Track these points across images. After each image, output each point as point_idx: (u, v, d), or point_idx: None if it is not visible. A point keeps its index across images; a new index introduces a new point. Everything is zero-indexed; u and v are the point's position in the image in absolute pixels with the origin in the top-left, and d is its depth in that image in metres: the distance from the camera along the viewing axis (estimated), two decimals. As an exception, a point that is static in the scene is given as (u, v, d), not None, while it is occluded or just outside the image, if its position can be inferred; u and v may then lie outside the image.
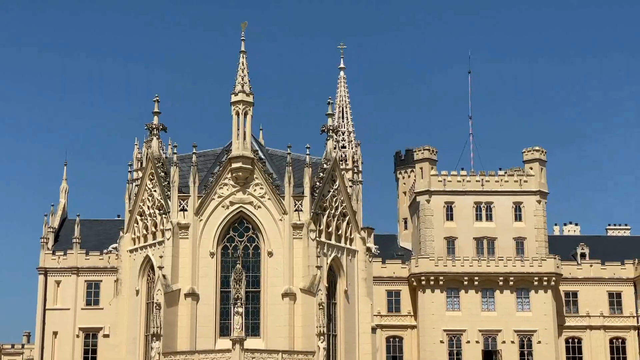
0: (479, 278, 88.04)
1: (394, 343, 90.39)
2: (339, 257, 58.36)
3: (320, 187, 57.67)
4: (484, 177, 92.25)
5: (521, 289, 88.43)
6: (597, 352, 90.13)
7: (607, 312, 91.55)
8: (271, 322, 54.86)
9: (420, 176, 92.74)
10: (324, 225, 57.49)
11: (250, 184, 56.69)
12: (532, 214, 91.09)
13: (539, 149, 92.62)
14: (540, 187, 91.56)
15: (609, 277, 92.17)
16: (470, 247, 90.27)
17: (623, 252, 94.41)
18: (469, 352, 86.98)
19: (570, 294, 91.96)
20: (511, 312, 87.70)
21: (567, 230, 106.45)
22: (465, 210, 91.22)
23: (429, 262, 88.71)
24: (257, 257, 56.26)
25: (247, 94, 56.96)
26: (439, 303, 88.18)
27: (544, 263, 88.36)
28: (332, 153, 59.43)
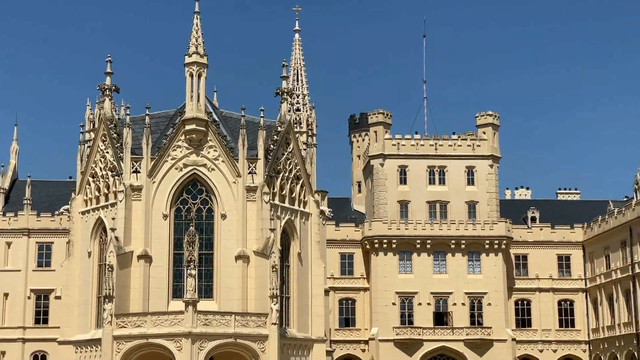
0: (431, 241, 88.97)
1: (346, 305, 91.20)
2: (292, 219, 58.51)
3: (274, 150, 57.61)
4: (437, 141, 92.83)
5: (472, 252, 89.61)
6: (546, 313, 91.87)
7: (556, 274, 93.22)
8: (224, 284, 54.99)
9: (375, 140, 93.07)
10: (277, 188, 57.54)
11: (203, 146, 56.44)
12: (485, 178, 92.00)
13: (492, 113, 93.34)
14: (492, 151, 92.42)
15: (558, 240, 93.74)
16: (423, 211, 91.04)
17: (572, 216, 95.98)
18: (421, 314, 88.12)
19: (521, 257, 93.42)
20: (462, 275, 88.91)
21: (518, 195, 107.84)
22: (418, 174, 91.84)
23: (382, 225, 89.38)
24: (211, 220, 56.22)
25: (201, 56, 56.50)
26: (392, 266, 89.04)
27: (495, 227, 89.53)
28: (286, 116, 59.33)
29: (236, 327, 52.20)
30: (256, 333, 52.51)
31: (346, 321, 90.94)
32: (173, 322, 51.37)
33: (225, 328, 51.91)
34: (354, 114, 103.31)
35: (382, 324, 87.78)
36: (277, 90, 59.91)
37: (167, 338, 51.13)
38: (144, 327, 51.86)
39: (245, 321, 52.65)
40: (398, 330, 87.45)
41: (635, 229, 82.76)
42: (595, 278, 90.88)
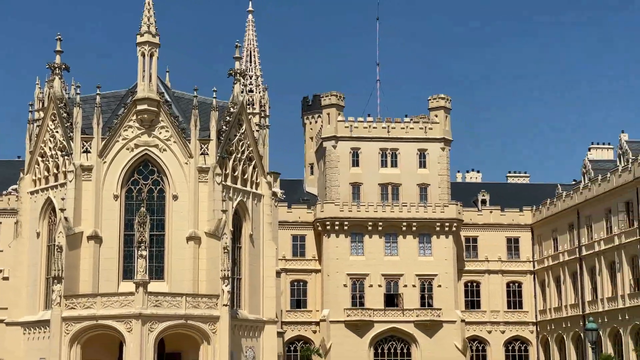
0: (383, 223, 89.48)
1: (298, 287, 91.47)
2: (244, 201, 58.38)
3: (227, 131, 57.36)
4: (390, 123, 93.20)
5: (423, 234, 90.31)
6: (495, 295, 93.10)
7: (505, 257, 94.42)
8: (175, 265, 54.75)
9: (327, 122, 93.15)
10: (230, 169, 57.35)
11: (155, 127, 55.99)
12: (436, 161, 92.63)
13: (444, 97, 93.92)
14: (444, 134, 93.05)
15: (507, 223, 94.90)
16: (375, 193, 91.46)
17: (522, 199, 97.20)
18: (372, 295, 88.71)
19: (471, 239, 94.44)
20: (413, 257, 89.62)
21: (469, 178, 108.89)
22: (370, 157, 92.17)
23: (334, 207, 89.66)
24: (162, 201, 55.86)
25: (153, 35, 55.92)
26: (343, 248, 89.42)
27: (446, 209, 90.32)
28: (239, 97, 59.05)
29: (187, 309, 52.05)
30: (207, 314, 52.43)
31: (297, 303, 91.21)
32: (123, 303, 51.05)
33: (176, 309, 51.76)
34: (306, 96, 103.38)
35: (333, 305, 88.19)
36: (230, 71, 59.58)
37: (117, 319, 50.81)
38: (94, 308, 51.49)
39: (196, 302, 52.51)
40: (349, 311, 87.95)
41: (583, 213, 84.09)
42: (543, 260, 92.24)
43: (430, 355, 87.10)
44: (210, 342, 52.34)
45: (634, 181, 74.41)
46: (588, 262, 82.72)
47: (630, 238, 75.06)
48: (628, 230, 75.74)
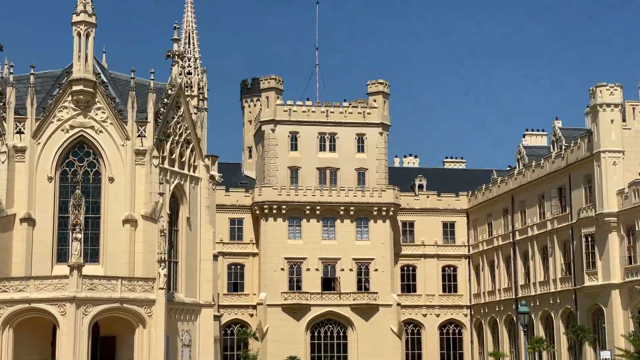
0: (320, 207, 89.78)
1: (235, 270, 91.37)
2: (182, 184, 58.03)
3: (165, 113, 56.85)
4: (328, 108, 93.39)
5: (361, 218, 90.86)
6: (430, 279, 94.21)
7: (440, 241, 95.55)
8: (111, 248, 54.20)
9: (266, 105, 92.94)
10: (167, 151, 56.90)
11: (91, 108, 55.22)
12: (374, 145, 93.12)
13: (383, 82, 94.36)
14: (382, 119, 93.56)
15: (444, 208, 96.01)
16: (313, 177, 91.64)
17: (458, 184, 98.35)
18: (309, 279, 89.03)
19: (407, 223, 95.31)
20: (351, 241, 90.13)
21: (407, 163, 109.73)
22: (309, 141, 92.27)
23: (272, 191, 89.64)
24: (98, 183, 55.21)
25: (89, 15, 55.05)
26: (281, 231, 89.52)
27: (383, 194, 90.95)
28: (177, 79, 58.54)
29: (122, 292, 51.59)
30: (143, 298, 52.06)
31: (235, 286, 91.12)
32: (57, 286, 50.35)
33: (111, 293, 51.27)
34: (245, 79, 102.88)
35: (270, 289, 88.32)
36: (168, 52, 58.99)
37: (50, 303, 50.13)
38: (27, 291, 50.69)
39: (132, 286, 52.09)
40: (286, 295, 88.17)
41: (517, 198, 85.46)
42: (478, 245, 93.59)
43: (366, 339, 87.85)
44: (146, 326, 52.01)
45: (566, 167, 75.84)
46: (521, 246, 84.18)
47: (563, 223, 76.55)
48: (560, 216, 77.22)
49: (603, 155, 69.73)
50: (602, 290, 69.63)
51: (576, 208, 73.53)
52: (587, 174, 72.37)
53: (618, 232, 68.91)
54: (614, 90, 70.54)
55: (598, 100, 70.42)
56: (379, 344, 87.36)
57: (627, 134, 70.32)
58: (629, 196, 67.62)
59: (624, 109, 70.86)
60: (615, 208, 68.85)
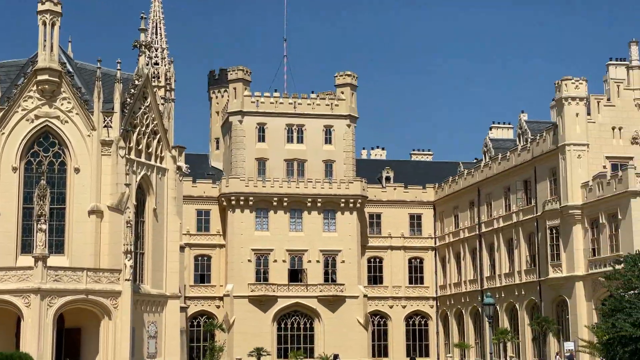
0: (288, 199, 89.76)
1: (202, 261, 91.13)
2: (148, 175, 57.75)
3: (131, 103, 56.51)
4: (296, 99, 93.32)
5: (328, 210, 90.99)
6: (397, 270, 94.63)
7: (407, 233, 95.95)
8: (76, 239, 53.82)
9: (234, 96, 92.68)
10: (134, 142, 56.59)
11: (57, 98, 54.74)
12: (342, 137, 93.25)
13: (351, 74, 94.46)
14: (350, 111, 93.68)
15: (410, 200, 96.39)
16: (280, 169, 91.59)
17: (425, 176, 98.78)
18: (276, 271, 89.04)
19: (375, 215, 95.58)
20: (318, 233, 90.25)
21: (374, 155, 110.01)
22: (277, 132, 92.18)
23: (240, 182, 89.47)
24: (63, 174, 54.78)
25: (54, 3, 54.50)
26: (248, 223, 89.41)
27: (350, 186, 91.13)
28: (144, 69, 58.22)
29: (88, 283, 51.30)
30: (109, 289, 51.80)
31: (201, 277, 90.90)
32: (21, 277, 49.94)
33: (76, 284, 50.95)
34: (213, 70, 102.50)
35: (237, 280, 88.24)
36: (135, 43, 58.65)
37: (14, 294, 49.69)
38: (-9, 282, 50.24)
39: (97, 277, 51.80)
40: (253, 286, 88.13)
41: (483, 190, 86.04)
42: (445, 237, 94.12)
43: (332, 330, 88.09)
44: (112, 317, 51.77)
45: (532, 160, 76.47)
46: (487, 238, 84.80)
47: (528, 216, 77.20)
48: (525, 208, 77.88)
49: (568, 148, 70.38)
50: (566, 282, 70.37)
51: (541, 200, 74.20)
52: (552, 167, 73.02)
53: (582, 224, 69.62)
54: (579, 84, 71.17)
55: (563, 94, 71.04)
56: (345, 336, 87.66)
57: (591, 127, 71.03)
58: (593, 189, 68.35)
59: (588, 102, 71.54)
60: (580, 201, 69.54)
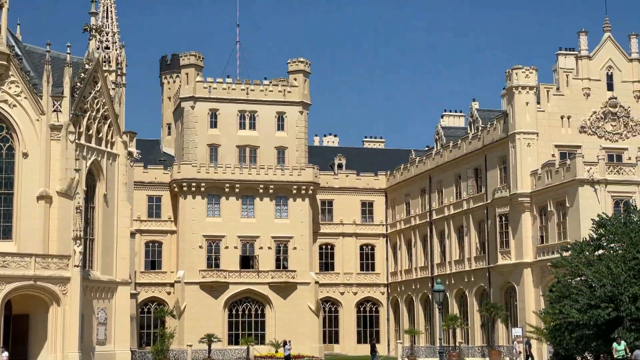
0: (240, 185, 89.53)
1: (153, 248, 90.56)
2: (99, 160, 57.26)
3: (81, 88, 55.92)
4: (249, 85, 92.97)
5: (280, 197, 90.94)
6: (348, 257, 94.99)
7: (359, 220, 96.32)
8: (25, 225, 53.20)
9: (186, 82, 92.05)
10: (84, 127, 56.03)
11: (4, 82, 53.93)
12: (294, 124, 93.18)
13: (304, 60, 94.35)
14: (303, 98, 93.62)
15: (362, 187, 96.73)
16: (232, 155, 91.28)
17: (377, 163, 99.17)
18: (227, 257, 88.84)
19: (327, 202, 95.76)
20: (270, 219, 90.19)
21: (327, 142, 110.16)
22: (229, 118, 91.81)
23: (192, 168, 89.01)
24: (11, 159, 54.08)
25: (3, -15, 53.66)
26: (200, 209, 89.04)
27: (303, 172, 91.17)
28: (94, 53, 57.65)
29: (36, 270, 50.80)
30: (57, 275, 51.34)
31: (152, 264, 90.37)
32: (-32, 263, 49.28)
33: (24, 270, 50.42)
34: (165, 55, 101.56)
35: (188, 267, 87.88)
36: (85, 26, 57.98)
37: (-39, 280, 49.05)
38: (-63, 268, 49.47)
39: (46, 263, 51.30)
40: (204, 273, 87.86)
41: (434, 178, 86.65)
42: (396, 224, 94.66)
43: (284, 317, 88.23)
44: (60, 304, 51.34)
45: (482, 148, 77.18)
46: (438, 226, 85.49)
47: (478, 203, 77.97)
48: (476, 196, 78.64)
49: (518, 136, 71.15)
50: (515, 269, 71.27)
51: (491, 188, 74.97)
52: (503, 155, 73.79)
53: (531, 212, 70.52)
54: (529, 73, 71.93)
55: (514, 83, 71.76)
56: (296, 322, 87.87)
57: (541, 116, 71.88)
58: (542, 177, 69.23)
59: (538, 91, 72.36)
60: (529, 189, 70.40)
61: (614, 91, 73.34)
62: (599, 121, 72.59)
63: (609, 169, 66.10)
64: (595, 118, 72.56)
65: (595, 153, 68.19)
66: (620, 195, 65.22)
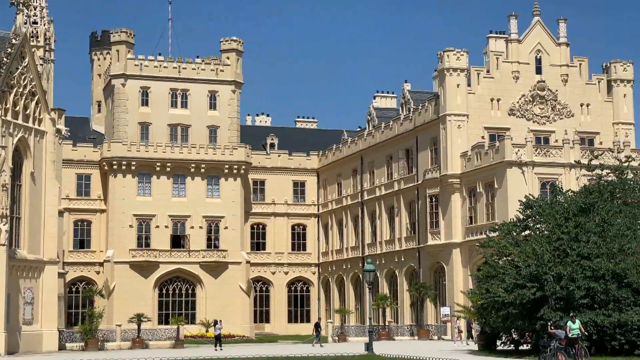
0: (171, 164, 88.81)
1: (82, 227, 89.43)
2: (26, 137, 56.13)
3: (8, 63, 54.64)
4: (181, 64, 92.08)
5: (212, 176, 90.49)
6: (280, 237, 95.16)
7: (291, 200, 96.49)
8: (-51, 203, 51.91)
9: (117, 59, 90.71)
10: (10, 103, 54.82)
11: None
12: (227, 103, 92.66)
13: (237, 39, 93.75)
14: (235, 77, 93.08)
15: (294, 167, 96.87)
16: (164, 134, 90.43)
17: (309, 143, 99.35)
18: (158, 236, 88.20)
19: (258, 182, 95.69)
20: (201, 199, 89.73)
21: (259, 121, 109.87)
22: (160, 97, 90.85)
23: (122, 146, 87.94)
24: None
25: None
26: (130, 188, 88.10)
27: (235, 152, 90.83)
28: (21, 28, 56.36)
29: (-39, 248, 49.71)
30: (-17, 254, 50.30)
31: (81, 243, 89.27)
32: None
33: (-52, 249, 49.29)
34: (95, 31, 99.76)
35: (118, 246, 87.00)
36: (13, 0, 56.63)
37: None
38: None
39: (-29, 242, 50.22)
40: (134, 252, 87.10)
41: (366, 159, 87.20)
42: (328, 204, 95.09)
43: (214, 296, 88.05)
44: (-14, 283, 50.32)
45: (414, 130, 77.88)
46: (369, 206, 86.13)
47: (409, 184, 78.75)
48: (407, 177, 79.40)
49: (449, 118, 71.98)
50: (444, 249, 72.30)
51: (422, 169, 75.77)
52: (434, 137, 74.58)
53: (461, 193, 71.54)
54: (461, 55, 72.74)
55: (445, 65, 72.49)
56: (227, 301, 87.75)
57: (471, 99, 72.80)
58: (472, 159, 70.22)
59: (469, 74, 73.23)
60: (459, 170, 71.36)
61: (543, 75, 74.67)
62: (528, 104, 73.86)
63: (537, 151, 67.37)
64: (524, 101, 73.81)
65: (523, 135, 69.38)
66: (547, 177, 66.57)
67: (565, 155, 67.21)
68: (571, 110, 74.69)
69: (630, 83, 76.87)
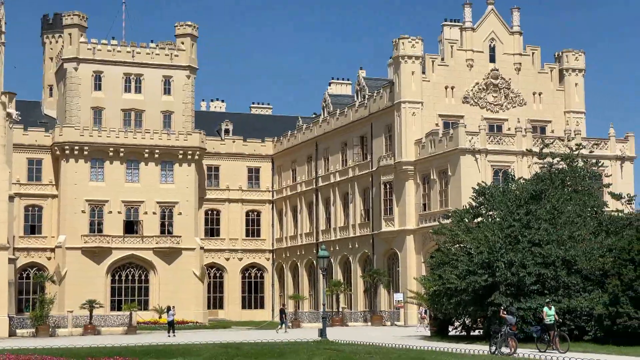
0: (124, 149, 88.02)
1: (33, 212, 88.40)
2: (-25, 121, 55.24)
3: (-43, 45, 53.72)
4: (135, 48, 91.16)
5: (166, 161, 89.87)
6: (234, 223, 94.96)
7: (245, 186, 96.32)
8: None
9: (69, 42, 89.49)
10: (-41, 86, 53.89)
11: None
12: (181, 88, 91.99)
13: (192, 24, 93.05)
14: (190, 62, 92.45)
15: (249, 153, 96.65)
16: (117, 119, 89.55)
17: (264, 130, 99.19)
18: (111, 222, 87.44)
19: (213, 168, 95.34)
20: (155, 184, 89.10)
21: (214, 107, 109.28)
22: (114, 81, 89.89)
23: (74, 131, 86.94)
24: None
25: None
26: (83, 173, 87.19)
27: (189, 137, 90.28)
28: (-29, 9, 55.35)
29: None
30: None
31: (32, 228, 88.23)
32: None
33: None
34: (47, 14, 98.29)
35: (70, 232, 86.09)
36: (-38, -20, 55.59)
37: None
38: None
39: None
40: (87, 238, 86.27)
41: (321, 145, 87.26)
42: (282, 190, 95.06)
43: (168, 282, 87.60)
44: None
45: (369, 117, 78.09)
46: (324, 193, 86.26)
47: (363, 171, 78.99)
48: (361, 164, 79.63)
49: (403, 105, 72.27)
50: (398, 236, 72.71)
51: (377, 156, 76.03)
52: (388, 124, 74.85)
53: (415, 180, 71.93)
54: (415, 43, 73.00)
55: (400, 52, 72.70)
56: (181, 288, 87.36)
57: (426, 86, 73.17)
58: (426, 146, 70.61)
59: (424, 61, 73.55)
60: (413, 157, 71.72)
61: (496, 63, 75.29)
62: (481, 92, 74.45)
63: (490, 139, 67.96)
64: (477, 89, 74.39)
65: (477, 123, 69.95)
66: (499, 165, 67.20)
67: (518, 143, 67.91)
68: (524, 98, 75.46)
69: (582, 72, 77.86)
